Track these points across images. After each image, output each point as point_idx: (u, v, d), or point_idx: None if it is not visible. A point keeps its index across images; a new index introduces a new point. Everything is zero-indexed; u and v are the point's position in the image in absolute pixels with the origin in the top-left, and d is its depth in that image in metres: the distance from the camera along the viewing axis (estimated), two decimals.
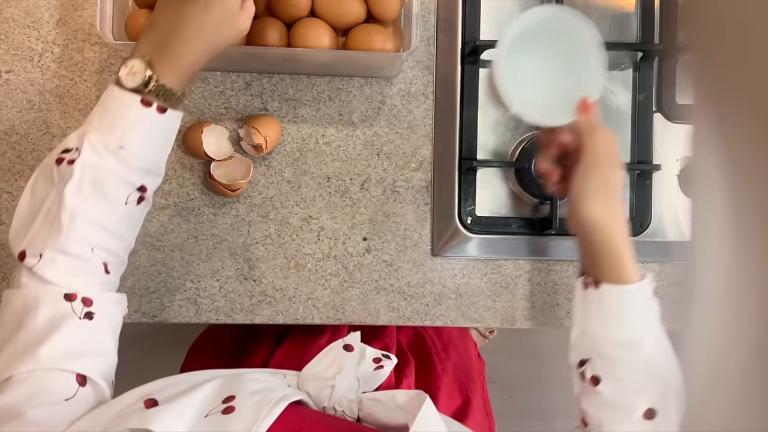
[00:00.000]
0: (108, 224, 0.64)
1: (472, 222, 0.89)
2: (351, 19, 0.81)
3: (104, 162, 0.63)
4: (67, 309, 0.61)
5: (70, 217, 0.62)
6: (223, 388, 0.59)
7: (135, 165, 0.64)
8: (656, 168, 0.91)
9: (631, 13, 0.92)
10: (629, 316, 0.72)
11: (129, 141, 0.63)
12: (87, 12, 0.86)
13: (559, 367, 2.09)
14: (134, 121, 0.63)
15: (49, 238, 0.62)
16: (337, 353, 0.69)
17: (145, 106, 0.64)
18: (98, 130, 0.63)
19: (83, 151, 0.62)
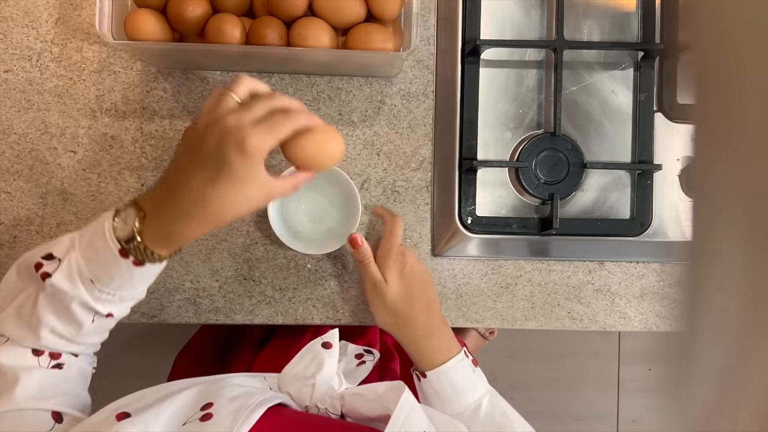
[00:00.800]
0: (71, 337, 0.65)
1: (473, 222, 0.89)
2: (351, 18, 0.81)
3: (74, 289, 0.62)
4: (34, 362, 0.64)
5: (37, 323, 0.63)
6: (201, 396, 0.58)
7: (102, 299, 0.63)
8: (657, 168, 0.90)
9: (632, 12, 0.92)
10: (459, 388, 0.79)
11: (99, 279, 0.62)
12: (86, 11, 0.86)
13: (560, 368, 2.08)
14: (111, 265, 0.61)
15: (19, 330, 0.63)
16: (316, 351, 0.69)
17: (122, 257, 0.61)
18: (81, 254, 0.62)
19: (58, 271, 0.62)
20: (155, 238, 0.61)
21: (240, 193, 0.59)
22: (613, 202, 0.92)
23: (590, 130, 0.91)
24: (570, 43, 0.88)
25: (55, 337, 0.64)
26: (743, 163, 0.28)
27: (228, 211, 0.60)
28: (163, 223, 0.61)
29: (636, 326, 0.93)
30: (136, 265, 0.62)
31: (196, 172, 0.59)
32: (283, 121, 0.60)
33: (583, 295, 0.92)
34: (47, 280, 0.61)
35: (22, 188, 0.85)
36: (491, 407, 0.78)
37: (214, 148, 0.58)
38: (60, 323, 0.63)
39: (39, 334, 0.63)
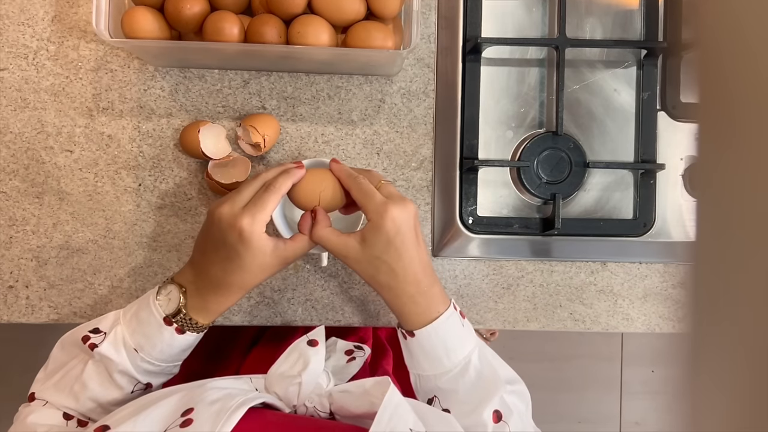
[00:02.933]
0: (110, 406, 0.70)
1: (474, 222, 0.88)
2: (350, 16, 0.80)
3: (119, 356, 0.69)
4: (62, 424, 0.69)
5: (81, 388, 0.69)
6: (182, 402, 0.59)
7: (144, 368, 0.70)
8: (660, 167, 0.89)
9: (635, 10, 0.91)
10: (449, 345, 0.73)
11: (143, 347, 0.69)
12: (82, 9, 0.85)
13: (562, 370, 2.08)
14: (154, 333, 0.69)
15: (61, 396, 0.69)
16: (302, 350, 0.69)
17: (167, 324, 0.69)
18: (126, 326, 0.70)
19: (106, 341, 0.69)
20: (196, 310, 0.70)
21: (254, 267, 0.68)
22: (616, 202, 0.91)
23: (593, 129, 0.91)
24: (572, 41, 0.88)
25: (93, 403, 0.69)
26: (748, 163, 0.27)
27: (250, 282, 0.69)
28: (201, 297, 0.70)
29: (639, 328, 0.92)
30: (178, 333, 0.70)
31: (212, 256, 0.69)
32: (267, 196, 0.67)
33: (585, 296, 0.91)
34: (95, 350, 0.68)
35: (18, 188, 0.85)
36: (480, 363, 0.73)
37: (219, 237, 0.67)
38: (102, 389, 0.69)
39: (80, 398, 0.69)
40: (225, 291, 0.69)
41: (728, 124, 0.28)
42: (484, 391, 0.72)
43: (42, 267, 0.85)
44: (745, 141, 0.27)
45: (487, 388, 0.72)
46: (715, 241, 0.30)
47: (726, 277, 0.29)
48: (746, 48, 0.26)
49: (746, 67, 0.27)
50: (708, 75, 0.29)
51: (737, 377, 0.29)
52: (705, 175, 0.30)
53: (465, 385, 0.72)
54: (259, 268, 0.68)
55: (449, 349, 0.72)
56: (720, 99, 0.29)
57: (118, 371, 0.69)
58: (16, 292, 0.85)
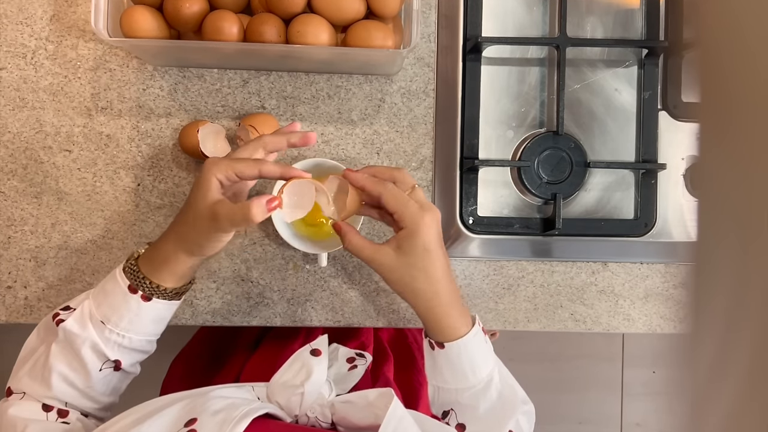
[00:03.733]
0: (81, 387, 0.70)
1: (474, 222, 0.88)
2: (350, 15, 0.80)
3: (85, 331, 0.69)
4: (42, 417, 0.68)
5: (48, 372, 0.68)
6: (185, 412, 0.58)
7: (112, 340, 0.69)
8: (661, 167, 0.89)
9: (636, 9, 0.91)
10: (476, 362, 0.74)
11: (109, 319, 0.69)
12: (81, 8, 0.85)
13: (563, 371, 2.07)
14: (119, 303, 0.69)
15: (33, 384, 0.69)
16: (305, 359, 0.68)
17: (131, 292, 0.69)
18: (93, 300, 0.70)
19: (71, 316, 0.69)
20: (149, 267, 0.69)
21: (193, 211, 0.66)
22: (617, 201, 0.91)
23: (593, 128, 0.90)
24: (573, 40, 0.87)
25: (65, 385, 0.69)
26: (749, 163, 0.27)
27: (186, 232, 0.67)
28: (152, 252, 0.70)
29: (640, 328, 0.91)
30: (144, 300, 0.69)
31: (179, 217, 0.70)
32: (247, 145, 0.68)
33: (586, 297, 0.91)
34: (60, 325, 0.68)
35: (17, 188, 0.84)
36: (500, 382, 0.75)
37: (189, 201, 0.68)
38: (69, 370, 0.68)
39: (50, 382, 0.68)
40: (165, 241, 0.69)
41: (729, 124, 0.28)
42: (503, 411, 0.74)
43: (40, 267, 0.85)
44: (746, 140, 0.27)
45: (505, 408, 0.74)
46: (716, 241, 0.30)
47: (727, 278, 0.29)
48: (747, 47, 0.26)
49: (747, 67, 0.27)
50: (709, 74, 0.29)
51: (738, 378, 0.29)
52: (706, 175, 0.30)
53: (485, 403, 0.74)
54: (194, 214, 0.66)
55: (475, 365, 0.74)
56: (721, 98, 0.29)
57: (85, 346, 0.68)
58: (14, 293, 0.85)
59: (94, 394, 0.71)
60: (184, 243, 0.68)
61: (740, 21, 0.27)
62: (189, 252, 0.68)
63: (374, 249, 0.70)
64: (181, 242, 0.68)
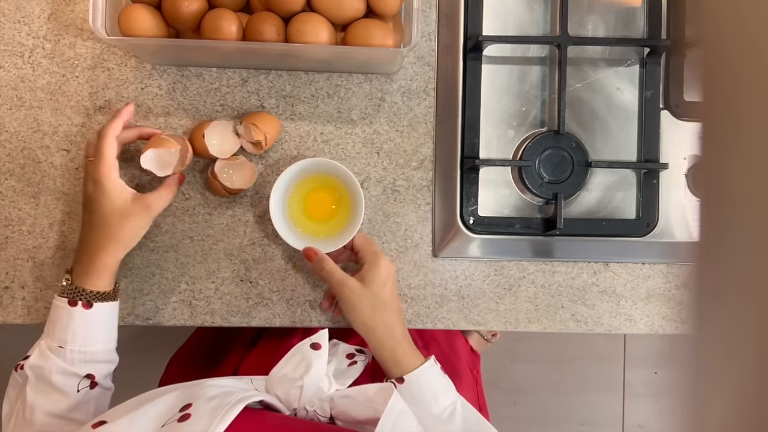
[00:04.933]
0: (65, 414, 0.72)
1: (475, 222, 0.87)
2: (350, 13, 0.79)
3: (48, 361, 0.71)
4: None
5: (30, 411, 0.70)
6: (180, 398, 0.59)
7: (76, 359, 0.72)
8: (663, 167, 0.89)
9: (638, 7, 0.91)
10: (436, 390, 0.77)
11: (65, 340, 0.72)
12: (79, 6, 0.84)
13: (564, 372, 2.07)
14: (67, 321, 0.72)
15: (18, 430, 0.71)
16: (305, 353, 0.68)
17: (72, 306, 0.73)
18: (46, 336, 0.74)
19: (32, 355, 0.73)
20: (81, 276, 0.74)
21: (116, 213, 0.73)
22: (619, 201, 0.90)
23: (595, 128, 0.90)
24: (574, 39, 0.87)
25: (49, 418, 0.70)
26: (752, 162, 0.27)
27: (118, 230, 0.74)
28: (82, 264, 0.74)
29: (642, 329, 0.91)
30: (86, 308, 0.73)
31: (84, 217, 0.76)
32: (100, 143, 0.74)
33: (587, 297, 0.90)
34: (25, 366, 0.72)
35: (14, 187, 0.84)
36: (464, 410, 0.77)
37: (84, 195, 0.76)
38: (49, 402, 0.71)
39: (34, 420, 0.70)
40: (96, 246, 0.73)
41: (732, 124, 0.28)
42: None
43: (38, 268, 0.84)
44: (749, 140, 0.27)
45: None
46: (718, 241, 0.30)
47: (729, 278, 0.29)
48: (750, 46, 0.26)
49: (750, 66, 0.26)
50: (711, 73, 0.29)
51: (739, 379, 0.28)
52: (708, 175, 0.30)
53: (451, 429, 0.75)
54: (121, 213, 0.73)
55: (437, 394, 0.76)
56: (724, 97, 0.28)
57: (54, 373, 0.71)
58: (12, 293, 0.85)
59: (78, 416, 0.72)
60: (120, 242, 0.74)
61: (743, 19, 0.27)
62: (125, 247, 0.75)
63: (344, 275, 0.78)
64: (116, 243, 0.74)
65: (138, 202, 0.74)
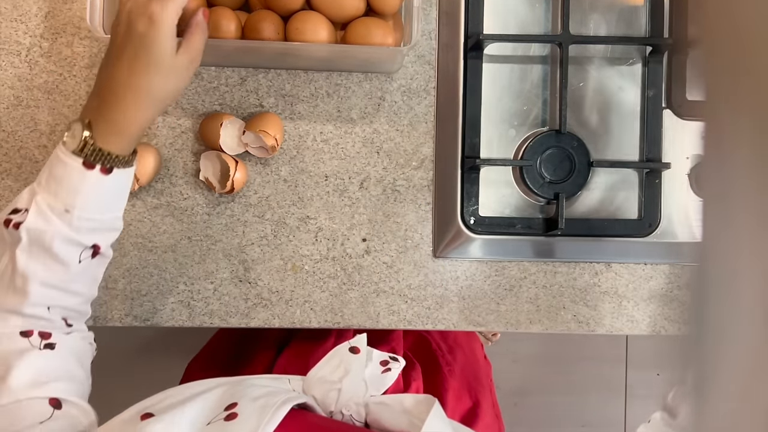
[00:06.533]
0: (62, 285, 0.64)
1: (475, 222, 0.87)
2: (350, 12, 0.79)
3: (51, 225, 0.62)
4: (24, 344, 0.61)
5: (23, 280, 0.62)
6: (225, 396, 0.57)
7: (83, 227, 0.64)
8: (666, 166, 0.88)
9: (640, 6, 0.90)
10: None
11: (74, 204, 0.62)
12: (76, 5, 0.84)
13: (565, 373, 2.06)
14: (77, 184, 0.62)
15: (4, 300, 0.62)
16: (343, 356, 0.67)
17: (88, 169, 0.62)
18: (46, 192, 0.63)
19: (29, 214, 0.62)
20: (105, 136, 0.63)
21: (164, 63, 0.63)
22: (621, 201, 0.90)
23: (597, 127, 0.89)
24: (576, 37, 0.86)
25: (45, 289, 0.63)
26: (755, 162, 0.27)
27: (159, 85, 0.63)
28: (108, 119, 0.63)
29: (644, 330, 0.90)
30: (104, 173, 0.63)
31: (117, 62, 0.63)
32: None
33: (589, 298, 0.90)
34: (21, 227, 0.61)
35: (11, 187, 0.83)
36: None
37: (126, 30, 0.62)
38: (46, 270, 0.62)
39: (27, 290, 0.62)
40: (133, 99, 0.63)
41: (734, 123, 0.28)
42: None
43: None
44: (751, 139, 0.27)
45: None
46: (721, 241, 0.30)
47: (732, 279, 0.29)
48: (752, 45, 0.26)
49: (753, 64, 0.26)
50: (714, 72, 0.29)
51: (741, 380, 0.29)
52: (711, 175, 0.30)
53: None
54: (171, 63, 0.63)
55: None
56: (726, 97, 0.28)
57: (57, 241, 0.62)
58: None
59: (76, 287, 0.66)
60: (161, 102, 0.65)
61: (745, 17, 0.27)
62: (161, 110, 0.67)
63: None
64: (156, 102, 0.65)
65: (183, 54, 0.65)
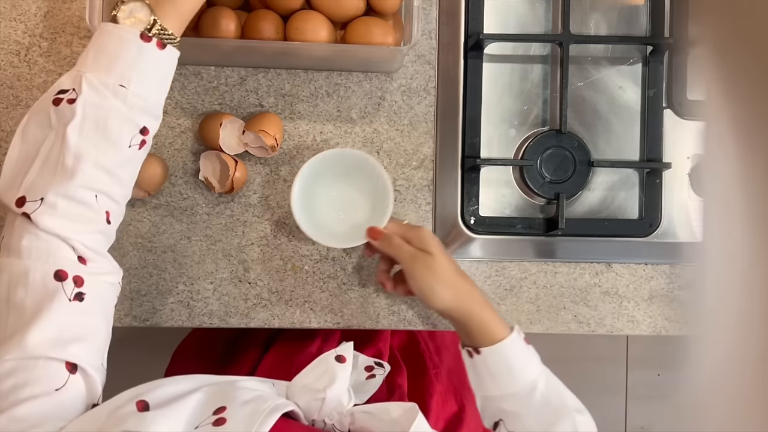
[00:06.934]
0: (113, 168, 0.62)
1: (476, 222, 0.87)
2: (350, 11, 0.79)
3: (106, 101, 0.60)
4: (56, 289, 0.58)
5: (75, 160, 0.59)
6: (213, 398, 0.57)
7: (137, 104, 0.62)
8: (666, 166, 0.88)
9: (641, 5, 0.90)
10: (515, 367, 0.75)
11: (130, 78, 0.61)
12: (75, 4, 0.83)
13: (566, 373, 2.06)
14: (134, 57, 0.61)
15: (51, 182, 0.59)
16: (329, 364, 0.66)
17: (145, 41, 0.61)
18: (95, 70, 0.61)
19: (83, 90, 0.60)
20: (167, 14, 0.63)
21: None
22: (621, 201, 0.90)
23: (597, 127, 0.89)
24: (576, 37, 0.86)
25: (96, 170, 0.60)
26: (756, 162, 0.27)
27: None
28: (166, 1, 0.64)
29: (644, 330, 0.90)
30: (160, 48, 0.63)
31: None
32: None
33: (589, 298, 0.89)
34: (76, 102, 0.59)
35: None
36: (547, 388, 0.75)
37: None
38: (98, 150, 0.60)
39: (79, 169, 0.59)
40: None
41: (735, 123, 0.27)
42: (551, 416, 0.74)
43: None
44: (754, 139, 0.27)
45: (553, 414, 0.74)
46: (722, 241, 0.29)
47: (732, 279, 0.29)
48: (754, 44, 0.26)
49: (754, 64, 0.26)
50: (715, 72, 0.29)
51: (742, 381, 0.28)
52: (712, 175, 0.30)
53: (530, 409, 0.74)
54: None
55: (514, 370, 0.74)
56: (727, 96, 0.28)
57: (112, 117, 0.61)
58: None
59: (123, 174, 0.64)
60: None
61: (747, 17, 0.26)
62: None
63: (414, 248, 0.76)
64: None
65: None
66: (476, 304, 0.76)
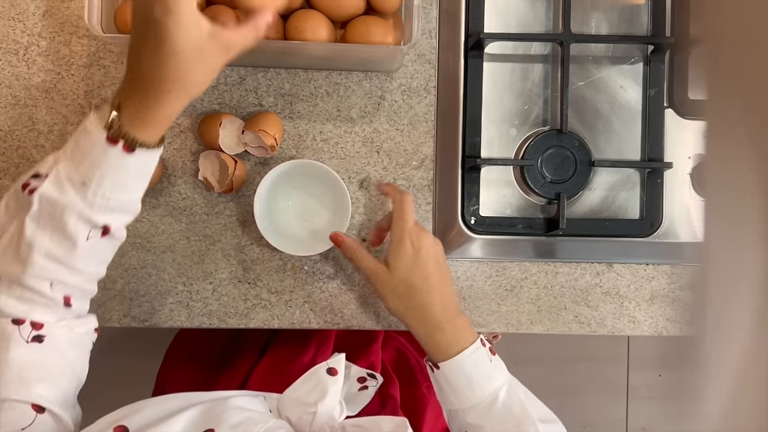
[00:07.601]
0: (66, 260, 0.62)
1: (476, 222, 0.86)
2: (350, 10, 0.79)
3: (65, 196, 0.60)
4: (12, 331, 0.60)
5: (28, 249, 0.60)
6: (201, 420, 0.56)
7: (97, 203, 0.61)
8: (668, 166, 0.88)
9: (642, 4, 0.90)
10: (474, 380, 0.74)
11: (92, 178, 0.60)
12: (74, 3, 0.83)
13: (567, 374, 2.06)
14: (99, 158, 0.60)
15: (8, 267, 0.60)
16: (321, 377, 0.66)
17: (111, 144, 0.59)
18: (69, 160, 0.60)
19: (46, 181, 0.60)
20: (133, 121, 0.60)
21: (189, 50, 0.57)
22: (622, 201, 0.89)
23: (598, 126, 0.89)
24: (577, 36, 0.86)
25: (48, 262, 0.60)
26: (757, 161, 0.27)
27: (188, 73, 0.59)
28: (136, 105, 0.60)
29: (645, 330, 0.90)
30: (127, 151, 0.60)
31: (140, 48, 0.58)
32: None
33: (590, 298, 0.89)
34: (35, 193, 0.59)
35: (8, 187, 0.83)
36: (509, 398, 0.74)
37: (143, 18, 0.57)
38: (51, 243, 0.60)
39: (31, 260, 0.59)
40: (160, 89, 0.59)
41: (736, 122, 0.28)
42: (512, 427, 0.73)
43: None
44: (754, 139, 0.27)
45: (514, 424, 0.73)
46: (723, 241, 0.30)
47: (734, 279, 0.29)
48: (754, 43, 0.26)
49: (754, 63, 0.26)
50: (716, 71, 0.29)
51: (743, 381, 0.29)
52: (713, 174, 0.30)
53: (492, 420, 0.73)
54: (196, 51, 0.58)
55: (474, 383, 0.74)
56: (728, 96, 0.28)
57: (67, 213, 0.60)
58: None
59: (81, 265, 0.63)
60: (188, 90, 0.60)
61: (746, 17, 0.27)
62: (191, 96, 0.62)
63: (373, 264, 0.77)
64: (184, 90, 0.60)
65: (215, 39, 0.59)
66: (425, 324, 0.76)
